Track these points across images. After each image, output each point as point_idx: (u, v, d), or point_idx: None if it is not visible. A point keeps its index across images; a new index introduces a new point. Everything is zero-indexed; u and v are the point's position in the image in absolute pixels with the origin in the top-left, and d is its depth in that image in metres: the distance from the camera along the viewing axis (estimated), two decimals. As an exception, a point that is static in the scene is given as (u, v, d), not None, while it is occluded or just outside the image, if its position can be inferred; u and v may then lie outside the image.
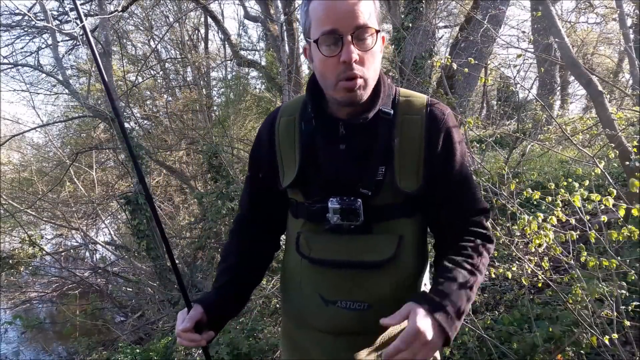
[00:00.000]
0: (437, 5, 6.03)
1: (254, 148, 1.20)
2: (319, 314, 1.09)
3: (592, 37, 8.04)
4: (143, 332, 5.61)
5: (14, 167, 9.60)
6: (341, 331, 1.08)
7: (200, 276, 5.78)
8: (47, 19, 5.70)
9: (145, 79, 9.03)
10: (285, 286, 1.22)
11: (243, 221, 1.26)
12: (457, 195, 1.06)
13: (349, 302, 1.05)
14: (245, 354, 3.17)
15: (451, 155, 1.04)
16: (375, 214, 1.04)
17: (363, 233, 1.04)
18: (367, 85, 0.98)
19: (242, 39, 10.06)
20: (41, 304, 7.38)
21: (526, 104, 6.39)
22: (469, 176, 1.07)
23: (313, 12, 0.96)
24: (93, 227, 8.87)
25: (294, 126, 1.10)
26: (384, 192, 1.03)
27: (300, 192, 1.10)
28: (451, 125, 1.05)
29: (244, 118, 8.57)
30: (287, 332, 1.24)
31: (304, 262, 1.10)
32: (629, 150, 2.52)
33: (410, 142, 1.02)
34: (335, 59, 0.94)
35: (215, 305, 1.12)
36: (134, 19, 9.08)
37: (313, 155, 1.07)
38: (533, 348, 2.30)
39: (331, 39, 0.93)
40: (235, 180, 5.56)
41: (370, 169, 1.03)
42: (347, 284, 1.06)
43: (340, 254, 1.05)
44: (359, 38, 0.94)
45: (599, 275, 1.89)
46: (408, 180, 1.02)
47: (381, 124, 1.03)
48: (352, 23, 0.92)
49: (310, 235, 1.10)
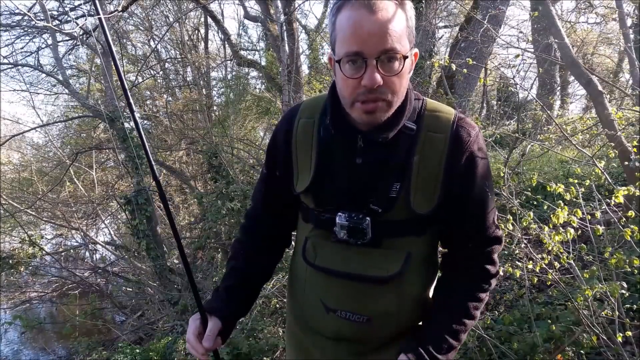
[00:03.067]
0: (437, 5, 6.03)
1: (270, 146, 1.17)
2: (321, 320, 1.10)
3: (592, 37, 8.04)
4: (143, 332, 5.61)
5: (14, 167, 9.60)
6: (341, 338, 1.08)
7: (200, 276, 5.78)
8: (47, 19, 5.69)
9: (145, 79, 9.04)
10: (292, 287, 1.23)
11: (255, 217, 1.24)
12: (472, 221, 1.03)
13: (348, 313, 1.05)
14: (245, 354, 3.17)
15: (471, 180, 0.99)
16: (385, 230, 1.01)
17: (371, 247, 1.02)
18: (390, 107, 0.93)
19: (242, 39, 10.06)
20: (41, 304, 7.39)
21: (526, 104, 6.39)
22: (487, 203, 1.03)
23: (339, 26, 0.90)
24: (93, 227, 8.87)
25: (313, 130, 1.06)
26: (396, 209, 0.99)
27: (311, 199, 1.08)
28: (476, 148, 0.99)
29: (244, 118, 8.57)
30: (291, 331, 1.24)
31: (309, 268, 1.10)
32: (629, 150, 2.52)
33: (430, 161, 0.97)
34: (357, 81, 0.89)
35: (232, 317, 1.14)
36: (134, 19, 9.08)
37: (328, 165, 1.04)
38: (533, 348, 2.30)
39: (355, 59, 0.88)
40: (235, 180, 5.56)
41: (384, 185, 0.99)
42: (350, 295, 1.04)
43: (346, 265, 1.03)
44: (385, 61, 0.88)
45: (600, 275, 1.89)
46: (422, 200, 0.98)
47: (402, 138, 0.98)
48: (378, 46, 0.86)
49: (318, 242, 1.09)
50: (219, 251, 5.98)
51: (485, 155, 1.02)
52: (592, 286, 1.83)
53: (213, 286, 4.67)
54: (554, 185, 1.91)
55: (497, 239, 1.06)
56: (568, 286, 2.28)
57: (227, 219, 5.26)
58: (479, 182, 1.00)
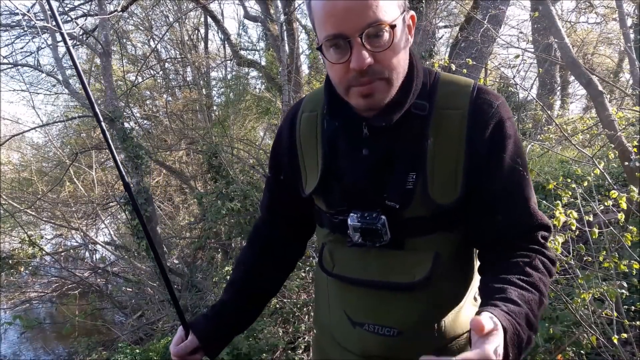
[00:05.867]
0: (437, 5, 6.02)
1: (275, 146, 1.06)
2: (347, 335, 0.97)
3: (592, 37, 8.04)
4: (143, 332, 5.61)
5: (13, 167, 9.60)
6: (370, 355, 0.94)
7: (200, 276, 5.78)
8: (47, 19, 5.69)
9: (145, 78, 9.02)
10: (317, 297, 1.12)
11: (262, 226, 1.16)
12: (506, 208, 0.85)
13: (377, 327, 0.90)
14: (245, 354, 3.17)
15: (500, 157, 0.84)
16: (406, 229, 0.87)
17: (393, 248, 0.88)
18: (390, 85, 0.81)
19: (242, 39, 10.06)
20: (41, 304, 7.38)
21: (526, 104, 6.40)
22: (523, 183, 0.85)
23: (315, 9, 0.79)
24: (93, 227, 8.86)
25: (317, 123, 0.95)
26: (415, 203, 0.85)
27: (322, 201, 0.96)
28: (502, 118, 0.84)
29: (243, 118, 8.57)
30: (319, 345, 1.13)
31: (329, 278, 0.99)
32: (629, 150, 2.52)
33: (448, 144, 0.84)
34: (345, 65, 0.78)
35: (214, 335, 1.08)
36: (134, 18, 9.07)
37: (335, 160, 0.92)
38: (533, 348, 2.29)
39: (337, 42, 0.77)
40: (235, 180, 5.56)
41: (397, 176, 0.86)
42: (375, 305, 0.91)
43: (366, 272, 0.91)
44: (372, 36, 0.76)
45: (599, 275, 1.89)
46: (443, 191, 0.84)
47: (413, 120, 0.85)
48: (359, 22, 0.74)
49: (335, 247, 0.97)
50: (219, 251, 5.99)
51: (513, 129, 0.86)
52: (591, 287, 1.83)
53: (213, 286, 4.68)
54: (550, 182, 1.91)
55: (542, 226, 0.86)
56: (568, 287, 2.27)
57: (227, 219, 5.25)
58: (508, 160, 0.84)
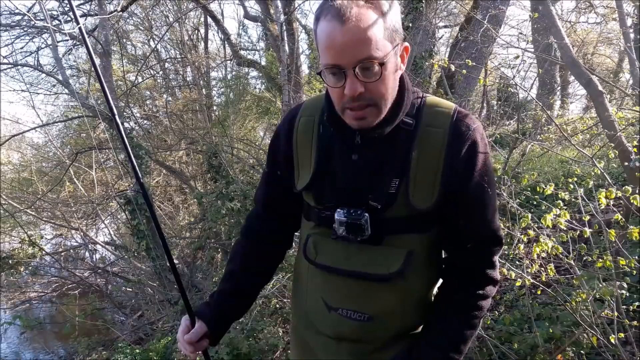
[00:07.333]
0: (437, 5, 6.02)
1: (272, 144, 1.18)
2: (323, 318, 1.10)
3: (592, 37, 8.04)
4: (143, 332, 5.61)
5: (13, 167, 9.59)
6: (343, 337, 1.08)
7: (200, 276, 5.78)
8: (47, 19, 5.69)
9: (145, 78, 9.01)
10: (295, 286, 1.24)
11: (256, 218, 1.26)
12: (468, 215, 1.00)
13: (349, 312, 1.05)
14: (245, 354, 3.17)
15: (470, 175, 0.97)
16: (386, 227, 1.00)
17: (372, 244, 1.01)
18: (379, 111, 0.94)
19: (242, 39, 10.06)
20: (41, 304, 7.38)
21: (526, 104, 6.40)
22: (488, 199, 1.00)
23: (318, 37, 0.91)
24: (93, 227, 8.85)
25: (313, 127, 1.08)
26: (395, 205, 0.99)
27: (312, 196, 1.09)
28: (477, 140, 0.97)
29: (243, 118, 8.57)
30: (296, 330, 1.25)
31: (310, 266, 1.10)
32: (629, 150, 2.52)
33: (430, 156, 0.96)
34: (341, 90, 0.91)
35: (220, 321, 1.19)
36: (134, 18, 9.06)
37: (328, 161, 1.05)
38: (533, 348, 2.30)
39: (334, 71, 0.89)
40: (235, 180, 5.56)
41: (383, 181, 0.99)
42: (351, 293, 1.05)
43: (347, 263, 1.03)
44: (364, 69, 0.88)
45: (600, 275, 1.89)
46: (422, 196, 0.97)
47: (401, 134, 0.99)
48: (353, 57, 0.86)
49: (319, 239, 1.09)
50: (219, 251, 5.98)
51: (486, 150, 1.00)
52: (591, 287, 1.83)
53: (213, 286, 4.67)
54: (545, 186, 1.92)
55: (496, 240, 1.03)
56: (568, 287, 2.28)
57: (227, 219, 5.25)
58: (478, 177, 0.98)
